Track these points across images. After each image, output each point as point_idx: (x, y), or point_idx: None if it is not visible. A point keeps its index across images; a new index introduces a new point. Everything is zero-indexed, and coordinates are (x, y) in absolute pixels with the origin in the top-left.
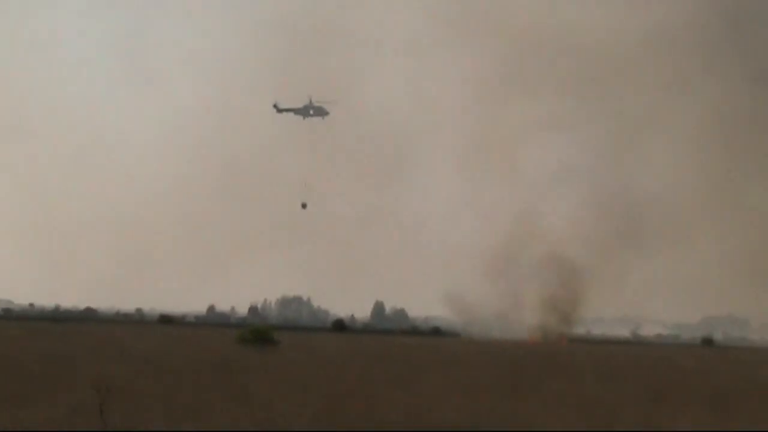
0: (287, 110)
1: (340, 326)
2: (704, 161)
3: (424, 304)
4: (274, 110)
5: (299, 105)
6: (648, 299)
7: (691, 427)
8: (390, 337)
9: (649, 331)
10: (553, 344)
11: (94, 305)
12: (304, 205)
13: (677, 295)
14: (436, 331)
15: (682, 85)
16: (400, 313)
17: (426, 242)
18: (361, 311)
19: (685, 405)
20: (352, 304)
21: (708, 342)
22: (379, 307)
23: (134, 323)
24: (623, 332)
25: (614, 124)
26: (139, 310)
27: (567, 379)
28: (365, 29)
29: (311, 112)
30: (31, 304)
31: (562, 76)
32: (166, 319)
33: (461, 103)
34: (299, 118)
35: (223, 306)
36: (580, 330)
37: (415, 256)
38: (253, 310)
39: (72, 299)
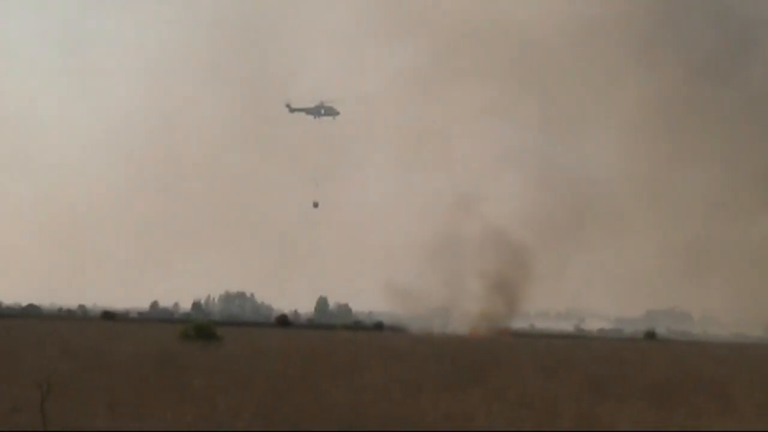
0: (299, 110)
1: (284, 321)
2: (644, 151)
3: (368, 299)
4: (287, 110)
5: (311, 105)
6: (591, 293)
7: (633, 420)
8: (333, 332)
9: (592, 325)
10: (496, 338)
11: (36, 301)
12: (315, 204)
13: (620, 288)
14: (380, 326)
15: (619, 74)
16: (344, 308)
17: (369, 236)
18: (305, 306)
19: (628, 398)
20: (295, 300)
21: (651, 336)
22: (322, 303)
23: (77, 319)
24: (567, 326)
25: (552, 114)
26: (81, 306)
27: (509, 373)
28: (299, 23)
29: (322, 111)
30: None
31: (498, 64)
32: (108, 315)
33: (397, 94)
34: (242, 113)
35: (166, 302)
36: (523, 324)
37: (358, 250)
38: (196, 305)
39: (14, 295)
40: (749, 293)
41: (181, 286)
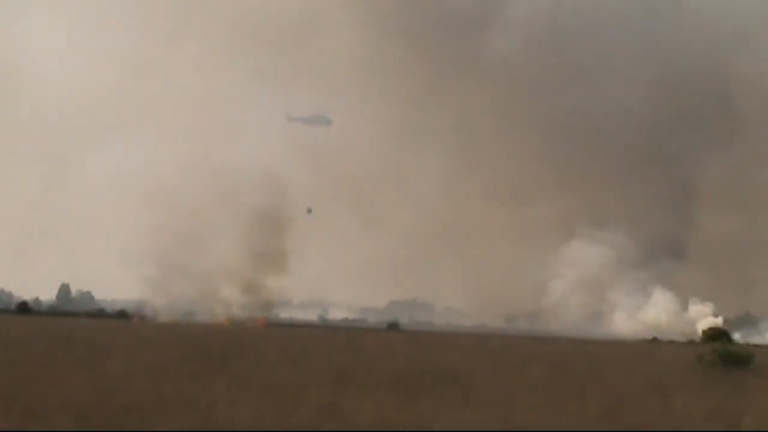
0: (297, 120)
1: (24, 308)
2: (384, 136)
3: (112, 287)
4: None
5: (307, 115)
6: (335, 283)
7: (375, 410)
8: (76, 320)
9: (336, 314)
10: (243, 326)
11: None
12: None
13: (364, 278)
14: (124, 314)
15: (354, 44)
16: (87, 296)
17: (112, 222)
18: (46, 293)
19: (371, 388)
20: (36, 286)
21: (394, 326)
22: (64, 290)
23: None
24: (311, 316)
25: (287, 79)
26: None
27: (254, 362)
28: None
29: (318, 121)
30: None
31: (225, 24)
32: None
33: (124, 67)
34: None
35: None
36: (268, 313)
37: (101, 236)
38: None
39: None
40: (490, 285)
41: None
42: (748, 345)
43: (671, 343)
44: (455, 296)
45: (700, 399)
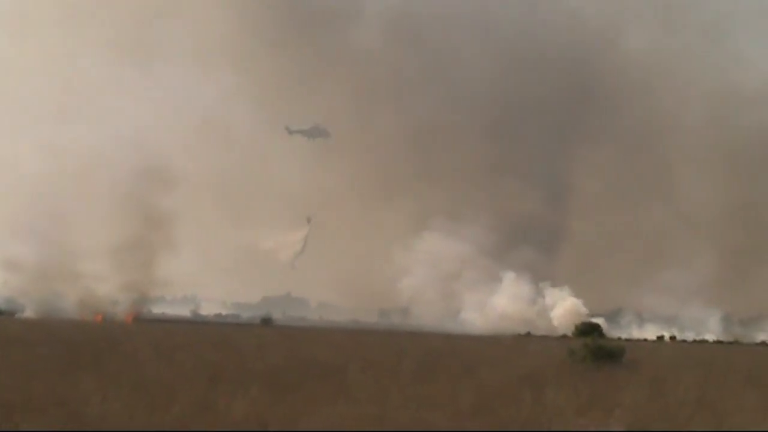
0: (297, 132)
1: None
2: (248, 127)
3: None
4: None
5: (306, 127)
6: (207, 278)
7: (247, 405)
8: None
9: (209, 310)
10: (114, 322)
11: None
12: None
13: (236, 273)
14: None
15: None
16: None
17: None
18: None
19: (243, 384)
20: None
21: (267, 321)
22: None
23: None
24: (183, 312)
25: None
26: None
27: (125, 359)
28: None
29: (317, 133)
30: None
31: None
32: None
33: None
34: None
35: None
36: (141, 309)
37: None
38: None
39: None
40: (360, 280)
41: None
42: (620, 339)
43: (544, 338)
44: (329, 291)
45: (572, 393)
